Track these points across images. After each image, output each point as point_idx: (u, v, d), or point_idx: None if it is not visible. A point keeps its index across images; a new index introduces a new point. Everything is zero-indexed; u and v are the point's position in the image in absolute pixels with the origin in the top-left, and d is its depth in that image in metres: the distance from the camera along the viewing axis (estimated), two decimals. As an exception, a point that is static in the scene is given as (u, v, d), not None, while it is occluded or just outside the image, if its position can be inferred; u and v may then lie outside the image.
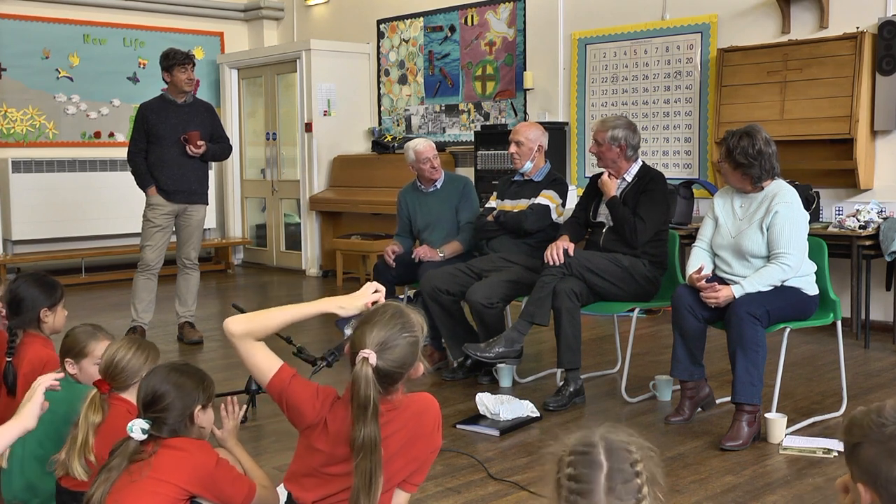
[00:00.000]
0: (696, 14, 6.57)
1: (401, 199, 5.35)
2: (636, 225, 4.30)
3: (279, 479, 3.25)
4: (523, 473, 3.33)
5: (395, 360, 2.12)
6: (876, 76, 5.55)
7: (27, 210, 8.35)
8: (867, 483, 1.43)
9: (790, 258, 3.70)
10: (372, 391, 2.06)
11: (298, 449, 2.28)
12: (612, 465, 1.41)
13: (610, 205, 4.40)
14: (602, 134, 4.41)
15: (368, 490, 2.06)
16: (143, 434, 2.22)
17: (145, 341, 2.69)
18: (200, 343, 5.75)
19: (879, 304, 5.66)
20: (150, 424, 2.23)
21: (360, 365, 2.08)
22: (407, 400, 2.23)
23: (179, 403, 2.27)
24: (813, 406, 4.16)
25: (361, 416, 2.06)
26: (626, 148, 4.39)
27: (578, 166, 7.33)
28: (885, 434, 1.42)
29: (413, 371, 2.19)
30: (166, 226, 5.76)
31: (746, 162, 3.76)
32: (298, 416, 2.22)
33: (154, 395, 2.27)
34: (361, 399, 2.06)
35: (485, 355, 4.24)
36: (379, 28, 8.95)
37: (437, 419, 2.26)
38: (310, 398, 2.20)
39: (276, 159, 9.45)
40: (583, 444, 1.45)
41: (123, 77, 9.18)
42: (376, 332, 2.12)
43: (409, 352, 2.15)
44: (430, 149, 5.11)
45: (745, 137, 3.77)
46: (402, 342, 2.14)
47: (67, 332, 2.86)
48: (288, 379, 2.21)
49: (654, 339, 5.69)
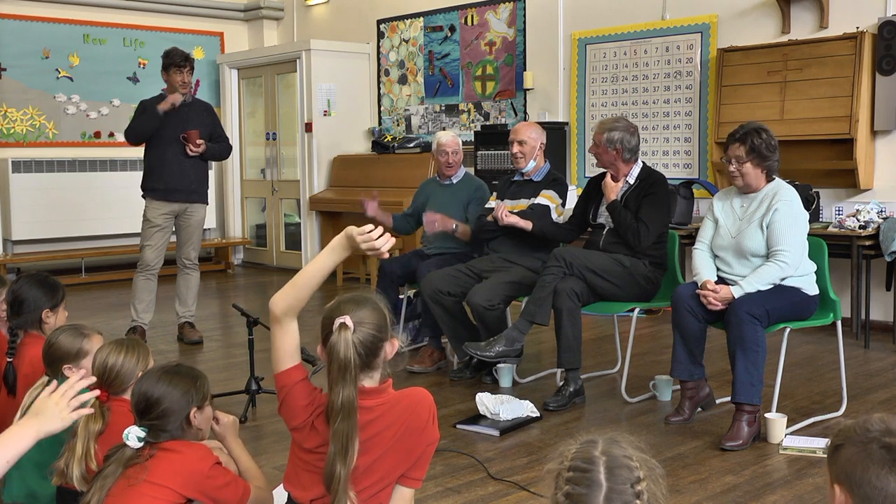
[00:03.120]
0: (696, 14, 6.57)
1: (421, 185, 5.55)
2: (639, 230, 4.30)
3: (279, 479, 3.26)
4: (523, 473, 3.33)
5: (371, 325, 2.16)
6: (876, 76, 5.55)
7: (27, 210, 8.35)
8: (842, 483, 1.45)
9: (788, 255, 3.70)
10: (352, 352, 2.11)
11: (292, 448, 2.30)
12: (612, 486, 1.36)
13: (611, 208, 4.39)
14: (599, 136, 4.41)
15: (345, 455, 2.09)
16: (139, 442, 2.21)
17: (133, 340, 2.65)
18: (200, 343, 5.75)
19: (879, 304, 5.66)
20: (145, 432, 2.22)
21: (337, 330, 2.13)
22: (399, 395, 2.24)
23: (175, 408, 2.26)
24: (813, 406, 4.16)
25: (340, 378, 2.10)
26: (623, 151, 4.38)
27: (578, 166, 7.33)
28: (867, 438, 1.44)
29: (389, 346, 2.21)
30: (166, 226, 5.76)
31: (770, 154, 3.77)
32: (290, 415, 2.26)
33: (147, 402, 2.25)
34: (341, 360, 2.10)
35: (485, 354, 4.25)
36: (379, 28, 8.95)
37: (432, 411, 2.27)
38: (305, 406, 2.23)
39: (276, 159, 9.45)
40: (583, 460, 1.39)
41: (123, 77, 9.18)
42: (348, 305, 2.18)
43: (380, 317, 2.19)
44: (452, 143, 5.22)
45: (761, 132, 3.78)
46: (371, 307, 2.20)
47: (50, 342, 2.75)
48: (296, 380, 2.24)
49: (654, 339, 5.70)
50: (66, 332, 2.76)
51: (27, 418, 1.98)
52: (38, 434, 1.94)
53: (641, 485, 1.37)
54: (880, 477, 1.40)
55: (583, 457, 1.39)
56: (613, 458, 1.39)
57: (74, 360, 2.74)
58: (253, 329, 4.27)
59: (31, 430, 1.94)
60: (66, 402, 1.98)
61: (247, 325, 4.27)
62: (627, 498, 1.35)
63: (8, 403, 2.95)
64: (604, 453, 1.39)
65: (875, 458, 1.42)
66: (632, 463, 1.39)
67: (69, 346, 2.73)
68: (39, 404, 1.99)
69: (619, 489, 1.35)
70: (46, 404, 1.98)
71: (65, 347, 2.73)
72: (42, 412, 1.97)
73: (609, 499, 1.35)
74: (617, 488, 1.35)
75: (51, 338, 2.77)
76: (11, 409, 2.85)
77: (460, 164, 5.28)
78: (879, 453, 1.42)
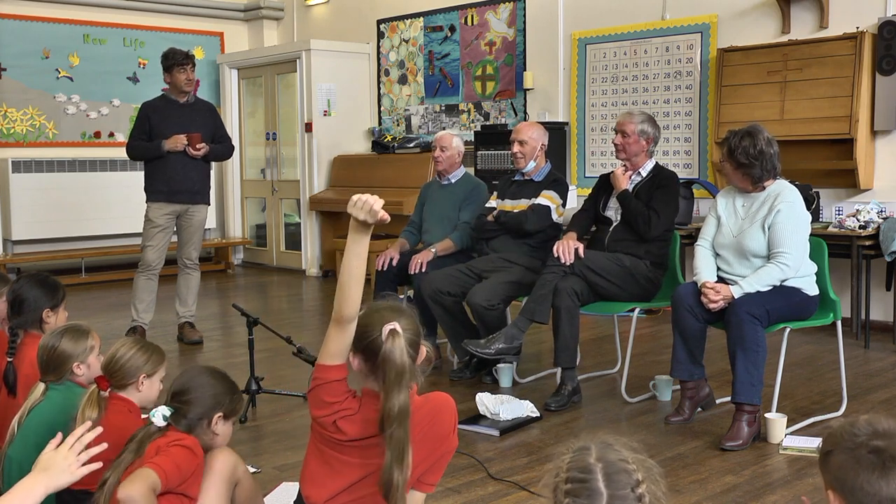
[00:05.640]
0: (696, 14, 6.57)
1: (420, 190, 5.50)
2: (650, 217, 4.31)
3: (279, 479, 3.27)
4: (523, 473, 3.33)
5: (411, 332, 2.20)
6: (876, 76, 5.55)
7: (27, 210, 8.35)
8: (836, 489, 1.45)
9: (789, 258, 3.70)
10: (407, 358, 2.14)
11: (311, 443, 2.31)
12: (613, 493, 1.33)
13: (621, 198, 4.40)
14: (632, 126, 4.42)
15: (402, 462, 2.09)
16: (163, 420, 2.29)
17: (151, 344, 2.68)
18: (200, 343, 5.75)
19: (879, 304, 5.66)
20: (171, 412, 2.30)
21: (390, 337, 2.14)
22: (422, 399, 2.24)
23: (205, 401, 2.34)
24: (813, 406, 4.16)
25: (396, 385, 2.11)
26: (651, 142, 4.44)
27: (578, 166, 7.33)
28: (855, 443, 1.43)
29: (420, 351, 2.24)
30: (167, 226, 5.77)
31: (748, 162, 3.76)
32: (314, 403, 2.26)
33: (183, 387, 2.34)
34: (399, 367, 2.12)
35: (484, 352, 4.25)
36: (379, 28, 8.95)
37: (454, 418, 2.27)
38: (330, 403, 2.23)
39: (276, 159, 9.45)
40: (579, 470, 1.36)
41: (123, 77, 9.18)
42: (389, 313, 2.20)
43: (415, 324, 2.24)
44: (445, 138, 5.20)
45: (746, 137, 3.77)
46: (407, 315, 2.24)
47: (50, 347, 2.72)
48: (332, 379, 2.22)
49: (654, 339, 5.70)
50: (67, 335, 2.76)
51: (35, 473, 1.90)
52: (47, 490, 1.87)
53: (642, 487, 1.35)
54: (871, 482, 1.39)
55: (579, 466, 1.37)
56: (610, 463, 1.36)
57: (81, 357, 2.75)
58: (253, 329, 4.27)
59: (41, 487, 1.87)
60: (75, 457, 1.92)
61: (247, 325, 4.27)
62: (630, 503, 1.34)
63: (8, 403, 2.96)
64: (599, 459, 1.37)
65: (864, 463, 1.41)
66: (629, 466, 1.37)
67: (73, 347, 2.74)
68: (47, 459, 1.92)
69: (620, 495, 1.33)
70: (55, 459, 1.91)
71: (69, 349, 2.73)
72: (51, 467, 1.91)
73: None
74: (618, 494, 1.33)
75: (51, 342, 2.73)
76: (11, 408, 2.86)
77: (456, 164, 5.23)
78: (868, 458, 1.41)
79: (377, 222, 2.15)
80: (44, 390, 2.70)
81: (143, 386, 2.59)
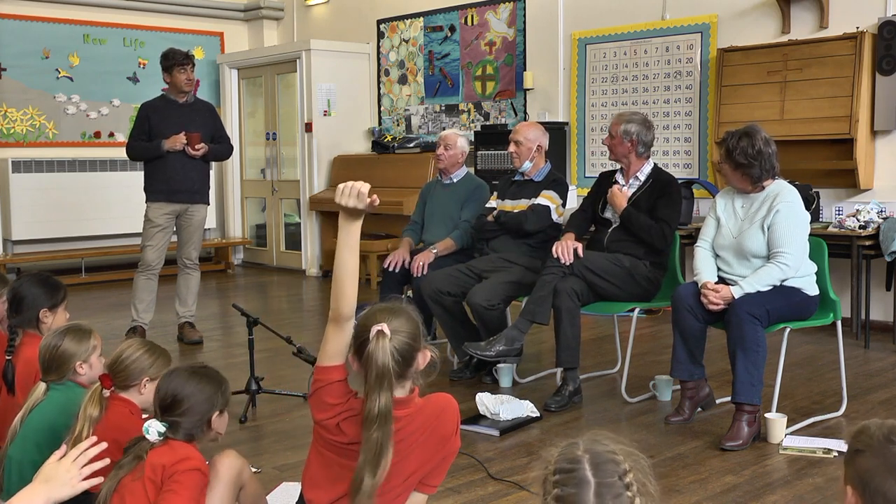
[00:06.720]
0: (696, 14, 6.57)
1: (422, 190, 5.50)
2: (662, 230, 4.29)
3: (279, 479, 3.27)
4: (523, 473, 3.33)
5: (406, 334, 2.15)
6: (876, 76, 5.55)
7: (27, 210, 8.35)
8: (856, 488, 1.46)
9: (789, 258, 3.70)
10: (390, 360, 2.09)
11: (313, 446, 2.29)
12: (601, 481, 1.35)
13: (624, 218, 4.37)
14: (616, 127, 4.41)
15: (375, 466, 2.06)
16: (158, 436, 2.23)
17: (159, 347, 2.67)
18: (200, 343, 5.75)
19: (879, 304, 5.66)
20: (166, 427, 2.24)
21: (375, 338, 2.11)
22: (423, 401, 2.23)
23: (199, 408, 2.29)
24: (813, 406, 4.16)
25: (377, 386, 2.08)
26: (638, 144, 4.39)
27: (578, 166, 7.33)
28: (890, 451, 1.44)
29: (421, 356, 2.20)
30: (167, 226, 5.76)
31: (746, 162, 3.76)
32: (316, 407, 2.24)
33: (174, 398, 2.27)
34: (379, 368, 2.08)
35: (485, 353, 4.25)
36: (379, 28, 8.95)
37: (456, 420, 2.26)
38: (333, 405, 2.21)
39: (276, 159, 9.45)
40: (567, 461, 1.38)
41: (123, 77, 9.18)
42: (384, 314, 2.16)
43: (414, 326, 2.19)
44: (450, 137, 5.21)
45: (744, 138, 3.77)
46: (406, 317, 2.19)
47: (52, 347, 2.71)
48: (333, 379, 2.21)
49: (654, 339, 5.70)
50: (70, 334, 2.75)
51: (36, 484, 1.90)
52: (48, 501, 1.86)
53: (629, 476, 1.36)
54: None
55: (567, 458, 1.39)
56: (597, 454, 1.38)
57: (84, 356, 2.74)
58: (253, 329, 4.27)
59: (41, 498, 1.86)
60: (78, 469, 1.92)
61: (247, 325, 4.27)
62: (618, 490, 1.35)
63: (7, 402, 2.95)
64: (587, 451, 1.39)
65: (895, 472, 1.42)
66: (616, 457, 1.38)
67: (76, 346, 2.73)
68: (49, 470, 1.92)
69: (607, 483, 1.35)
70: (57, 471, 1.91)
71: (72, 348, 2.73)
72: (52, 479, 1.90)
73: (599, 494, 1.34)
74: (606, 482, 1.35)
75: (53, 342, 2.72)
76: (11, 407, 2.86)
77: (458, 164, 5.23)
78: None
79: (367, 207, 2.14)
80: (45, 390, 2.70)
81: (145, 389, 2.57)
